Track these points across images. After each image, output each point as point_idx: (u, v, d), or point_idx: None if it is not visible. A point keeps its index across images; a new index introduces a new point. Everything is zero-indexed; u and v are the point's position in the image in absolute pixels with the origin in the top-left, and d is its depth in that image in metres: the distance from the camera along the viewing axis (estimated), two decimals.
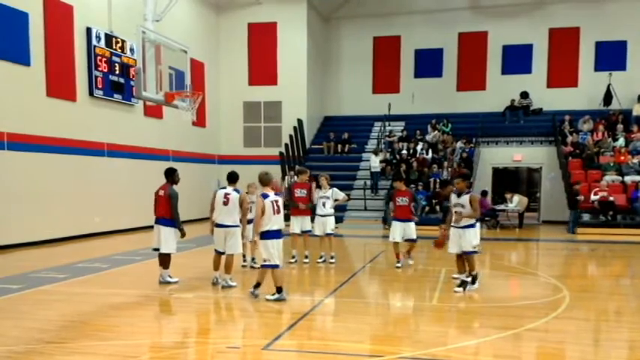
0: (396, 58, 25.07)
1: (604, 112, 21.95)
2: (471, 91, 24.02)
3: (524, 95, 23.41)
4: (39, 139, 14.24)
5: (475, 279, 8.73)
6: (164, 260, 9.23)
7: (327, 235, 11.41)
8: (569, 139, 20.80)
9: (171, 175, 9.28)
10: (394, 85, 25.04)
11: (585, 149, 20.07)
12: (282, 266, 8.16)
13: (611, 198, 17.45)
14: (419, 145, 21.84)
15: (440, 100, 23.85)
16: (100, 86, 16.14)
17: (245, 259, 10.71)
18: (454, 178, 9.41)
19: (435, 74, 24.56)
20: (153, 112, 18.55)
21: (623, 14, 22.40)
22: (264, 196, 7.86)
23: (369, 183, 20.67)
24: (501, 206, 19.78)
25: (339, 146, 23.44)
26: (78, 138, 15.55)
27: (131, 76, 16.50)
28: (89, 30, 15.75)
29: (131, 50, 17.08)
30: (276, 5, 23.12)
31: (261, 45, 23.36)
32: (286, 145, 22.32)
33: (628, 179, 18.53)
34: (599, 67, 22.84)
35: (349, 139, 23.61)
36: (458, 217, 8.53)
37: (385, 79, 25.19)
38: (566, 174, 19.51)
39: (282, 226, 8.06)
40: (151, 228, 9.32)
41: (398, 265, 10.90)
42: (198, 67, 20.60)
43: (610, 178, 18.57)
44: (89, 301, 8.19)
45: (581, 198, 17.60)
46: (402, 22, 24.69)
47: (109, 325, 6.92)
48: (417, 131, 22.73)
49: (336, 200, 11.52)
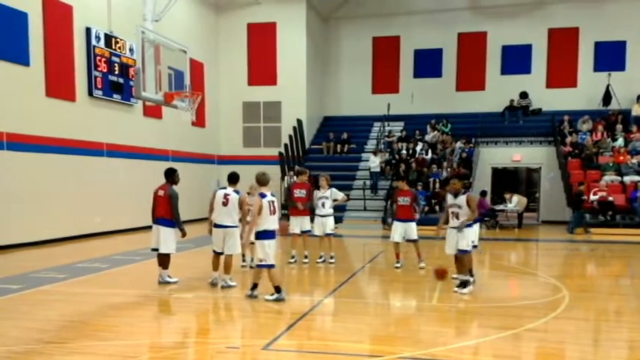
0: (396, 58, 25.08)
1: (603, 113, 21.96)
2: (471, 92, 24.03)
3: (523, 95, 23.42)
4: (38, 139, 14.23)
5: (467, 284, 8.61)
6: (163, 260, 9.22)
7: (327, 236, 11.42)
8: (568, 139, 20.81)
9: (172, 176, 9.28)
10: (393, 86, 25.05)
11: (584, 149, 20.09)
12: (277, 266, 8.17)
13: (611, 198, 17.47)
14: (418, 146, 21.84)
15: (439, 101, 23.85)
16: (100, 86, 16.14)
17: (244, 259, 10.71)
18: (451, 178, 9.39)
19: (435, 74, 24.57)
20: (152, 112, 18.55)
21: (622, 14, 22.42)
22: (262, 196, 7.90)
23: (368, 183, 20.67)
24: (500, 206, 19.80)
25: (338, 146, 23.44)
26: (77, 138, 15.55)
27: (130, 76, 16.50)
28: (88, 30, 15.75)
29: (130, 50, 17.08)
30: (276, 5, 23.12)
31: (261, 45, 23.36)
32: (286, 146, 22.32)
33: (627, 179, 18.55)
34: (598, 67, 22.86)
35: (348, 139, 23.61)
36: (461, 225, 8.48)
37: (384, 79, 25.20)
38: (566, 174, 19.54)
39: (277, 227, 8.09)
40: (151, 228, 9.31)
41: (397, 266, 10.91)
42: (197, 67, 20.59)
43: (609, 178, 18.59)
44: (89, 301, 8.19)
45: (585, 198, 17.60)
46: (402, 23, 24.70)
47: (108, 325, 6.92)
48: (417, 131, 22.74)
49: (335, 200, 11.53)
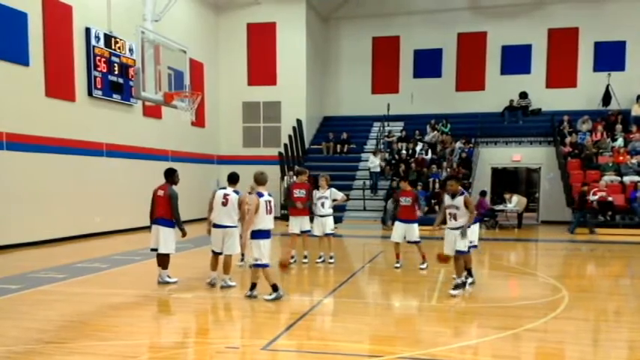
0: (395, 58, 25.09)
1: (603, 113, 21.98)
2: (470, 92, 24.04)
3: (523, 95, 23.43)
4: (38, 139, 14.22)
5: (459, 286, 8.51)
6: (163, 260, 9.21)
7: (327, 235, 11.41)
8: (568, 139, 20.82)
9: (172, 176, 9.27)
10: (393, 86, 25.05)
11: (584, 149, 20.10)
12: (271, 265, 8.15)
13: (610, 198, 17.48)
14: (418, 146, 21.84)
15: (439, 101, 23.86)
16: (99, 86, 16.12)
17: (243, 258, 10.69)
18: (448, 179, 9.28)
19: (434, 74, 24.58)
20: (152, 112, 18.54)
21: (622, 14, 22.43)
22: (259, 195, 7.90)
23: (368, 183, 20.67)
24: (500, 206, 19.81)
25: (338, 146, 23.44)
26: (77, 138, 15.54)
27: (130, 76, 16.49)
28: (88, 30, 15.74)
29: (130, 50, 17.07)
30: (275, 5, 23.11)
31: (261, 45, 23.36)
32: (285, 146, 22.32)
33: (627, 179, 18.57)
34: (598, 67, 22.87)
35: (348, 139, 23.62)
36: (464, 232, 8.35)
37: (384, 79, 25.20)
38: (565, 174, 19.55)
39: (272, 227, 8.09)
40: (150, 228, 9.29)
41: (396, 266, 10.90)
42: (197, 67, 20.59)
43: (609, 178, 18.60)
44: (88, 301, 8.18)
45: (589, 198, 17.56)
46: (401, 23, 24.71)
47: (108, 325, 6.92)
48: (416, 131, 22.75)
49: (335, 200, 11.53)
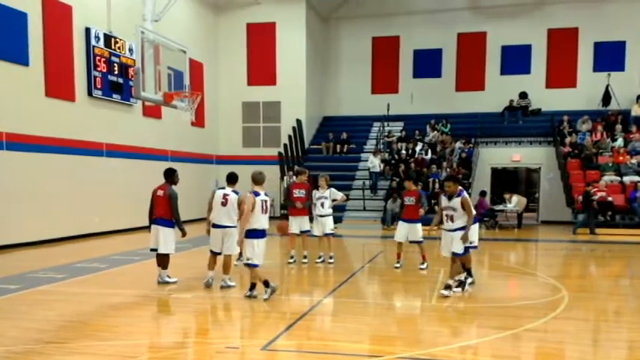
0: (395, 58, 25.09)
1: (603, 113, 21.98)
2: (470, 92, 24.04)
3: (522, 95, 23.43)
4: (38, 139, 14.22)
5: (450, 287, 8.41)
6: (163, 260, 9.21)
7: (326, 235, 11.41)
8: (567, 139, 20.82)
9: (171, 176, 9.26)
10: (393, 86, 25.05)
11: (584, 149, 20.10)
12: (261, 266, 8.10)
13: (610, 198, 17.48)
14: (418, 146, 21.83)
15: (439, 101, 23.86)
16: (99, 86, 16.12)
17: (241, 257, 10.64)
18: (446, 180, 9.13)
19: (434, 74, 24.59)
20: (152, 112, 18.54)
21: (622, 15, 22.43)
22: (255, 194, 7.91)
23: (367, 183, 20.67)
24: (500, 206, 19.81)
25: (337, 146, 23.44)
26: (76, 138, 15.53)
27: (130, 76, 16.49)
28: (88, 30, 15.74)
29: (130, 50, 17.07)
30: (275, 5, 23.11)
31: (260, 45, 23.35)
32: (285, 146, 22.32)
33: (626, 179, 18.57)
34: (597, 67, 22.86)
35: (348, 139, 23.61)
36: (465, 238, 8.26)
37: (384, 79, 25.20)
38: (565, 174, 19.55)
39: (267, 227, 8.09)
40: (150, 228, 9.29)
41: (396, 266, 10.90)
42: (197, 68, 20.59)
43: (608, 178, 18.59)
44: (88, 301, 8.17)
45: (595, 197, 17.52)
46: (401, 23, 24.71)
47: (107, 325, 6.91)
48: (416, 131, 22.74)
49: (335, 200, 11.52)
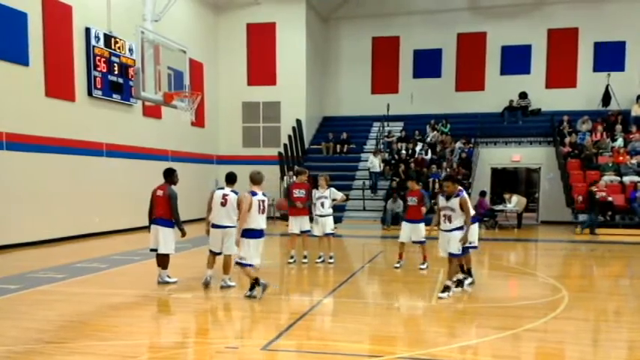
0: (395, 58, 25.09)
1: (603, 113, 21.98)
2: (470, 92, 24.04)
3: (522, 96, 23.42)
4: (38, 139, 14.22)
5: (449, 289, 8.35)
6: (163, 260, 9.21)
7: (327, 235, 11.41)
8: (567, 139, 20.81)
9: (171, 176, 9.26)
10: (393, 86, 25.05)
11: (584, 150, 20.09)
12: (257, 265, 8.07)
13: (610, 198, 17.47)
14: (418, 146, 21.83)
15: (439, 101, 23.85)
16: (99, 86, 16.12)
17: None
18: (444, 180, 9.07)
19: (434, 75, 24.58)
20: (152, 112, 18.54)
21: (622, 15, 22.43)
22: (252, 194, 7.90)
23: (367, 183, 20.67)
24: (500, 206, 19.81)
25: (337, 146, 23.43)
26: (76, 138, 15.53)
27: (130, 77, 16.49)
28: (88, 30, 15.74)
29: (130, 50, 17.07)
30: (275, 5, 23.11)
31: (260, 45, 23.35)
32: (285, 146, 22.32)
33: (626, 179, 18.55)
34: (597, 67, 22.86)
35: (348, 139, 23.61)
36: (464, 240, 8.23)
37: (384, 79, 25.20)
38: (565, 174, 19.54)
39: (264, 227, 8.07)
40: (149, 228, 9.28)
41: (396, 265, 10.90)
42: (197, 68, 20.59)
43: (608, 178, 18.58)
44: (88, 301, 8.18)
45: (599, 197, 17.50)
46: (401, 23, 24.71)
47: (107, 325, 6.91)
48: (416, 131, 22.74)
49: (334, 200, 11.52)
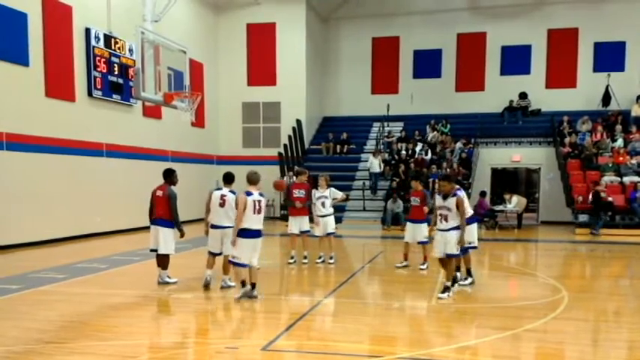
0: (395, 58, 25.09)
1: (603, 113, 21.97)
2: (470, 92, 24.03)
3: (522, 96, 23.42)
4: (38, 139, 14.22)
5: (448, 289, 8.33)
6: (163, 261, 9.21)
7: (328, 235, 11.40)
8: (567, 139, 20.81)
9: (170, 176, 9.25)
10: (393, 86, 25.04)
11: (584, 150, 20.09)
12: (251, 265, 7.99)
13: (610, 198, 17.47)
14: (418, 146, 21.83)
15: (439, 101, 23.85)
16: (99, 87, 16.13)
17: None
18: (441, 179, 9.07)
19: (434, 75, 24.58)
20: (152, 112, 18.54)
21: (622, 15, 22.42)
22: (247, 194, 7.87)
23: (367, 183, 20.67)
24: (500, 207, 19.80)
25: (337, 147, 23.43)
26: (76, 138, 15.53)
27: (130, 77, 16.49)
28: (88, 30, 15.74)
29: (130, 51, 17.07)
30: (275, 6, 23.12)
31: (260, 45, 23.36)
32: (285, 146, 22.32)
33: (626, 180, 18.55)
34: (597, 67, 22.85)
35: (348, 139, 23.61)
36: (462, 241, 8.22)
37: (384, 79, 25.20)
38: (565, 175, 19.54)
39: (261, 227, 8.02)
40: (149, 228, 9.28)
41: (398, 265, 10.90)
42: (197, 68, 20.59)
43: (608, 178, 18.58)
44: (88, 302, 8.18)
45: (605, 197, 17.52)
46: (401, 23, 24.71)
47: (108, 326, 6.92)
48: (416, 132, 22.74)
49: (335, 199, 11.52)
